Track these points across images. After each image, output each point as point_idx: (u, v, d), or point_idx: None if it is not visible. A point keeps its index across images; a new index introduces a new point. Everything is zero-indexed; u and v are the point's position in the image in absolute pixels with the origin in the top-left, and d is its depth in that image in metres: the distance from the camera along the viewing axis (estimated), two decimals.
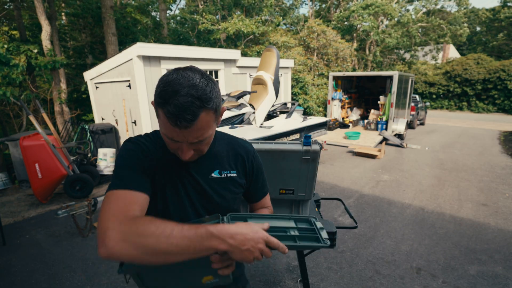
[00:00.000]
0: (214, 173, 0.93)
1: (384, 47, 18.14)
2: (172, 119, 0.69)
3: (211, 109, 0.73)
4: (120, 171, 0.78)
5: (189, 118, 0.69)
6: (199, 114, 0.70)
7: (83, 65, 10.18)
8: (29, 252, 3.01)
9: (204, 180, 0.91)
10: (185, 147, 0.77)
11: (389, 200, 4.29)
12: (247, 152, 1.02)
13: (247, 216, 0.82)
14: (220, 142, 0.98)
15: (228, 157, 0.97)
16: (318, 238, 0.77)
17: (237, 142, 1.03)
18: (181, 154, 0.79)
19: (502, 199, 4.25)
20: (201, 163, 0.91)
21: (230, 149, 0.99)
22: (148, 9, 12.36)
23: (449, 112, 17.88)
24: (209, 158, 0.93)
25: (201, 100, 0.70)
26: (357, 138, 8.30)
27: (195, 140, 0.75)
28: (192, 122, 0.70)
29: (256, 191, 1.06)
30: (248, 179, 1.02)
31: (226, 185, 0.95)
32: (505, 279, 2.51)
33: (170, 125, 0.71)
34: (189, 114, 0.68)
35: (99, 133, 5.82)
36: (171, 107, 0.68)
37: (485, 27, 25.45)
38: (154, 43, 5.51)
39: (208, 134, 0.77)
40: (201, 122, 0.71)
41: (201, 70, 0.76)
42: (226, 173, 0.95)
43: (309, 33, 13.47)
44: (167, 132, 0.74)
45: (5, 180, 5.03)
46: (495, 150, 7.46)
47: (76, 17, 9.48)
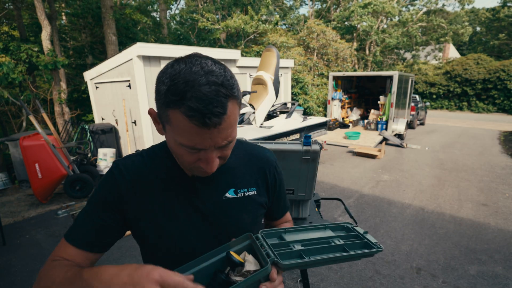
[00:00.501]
0: (228, 193, 0.75)
1: (384, 47, 18.15)
2: (198, 117, 0.53)
3: (237, 99, 0.59)
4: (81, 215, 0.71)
5: (219, 112, 0.53)
6: (228, 105, 0.55)
7: (83, 65, 10.19)
8: (29, 252, 3.01)
9: (215, 203, 0.73)
10: (211, 154, 0.60)
11: (389, 200, 4.29)
12: (269, 164, 0.83)
13: (282, 231, 0.72)
14: (235, 152, 0.79)
15: (245, 170, 0.79)
16: (367, 243, 0.70)
17: (256, 151, 0.84)
18: (206, 167, 0.61)
19: (502, 199, 4.25)
20: (211, 180, 0.73)
21: (248, 160, 0.81)
22: (148, 9, 12.38)
23: (449, 112, 17.89)
24: (221, 174, 0.74)
25: (225, 87, 0.55)
26: (357, 138, 8.30)
27: (225, 142, 0.59)
28: (223, 116, 0.54)
29: (278, 208, 0.90)
30: (271, 197, 0.84)
31: (245, 207, 0.76)
32: (505, 279, 2.51)
33: (192, 127, 0.54)
34: (218, 106, 0.53)
35: (99, 133, 5.82)
36: (192, 102, 0.52)
37: (485, 27, 25.46)
38: (154, 43, 5.51)
39: (236, 132, 0.62)
40: (229, 117, 0.56)
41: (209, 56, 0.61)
42: (244, 191, 0.77)
43: (309, 33, 13.48)
44: (185, 140, 0.57)
45: (5, 180, 5.03)
46: (495, 150, 7.46)
47: (76, 17, 9.49)
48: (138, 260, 2.80)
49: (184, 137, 0.57)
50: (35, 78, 9.06)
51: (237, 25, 11.23)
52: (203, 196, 0.72)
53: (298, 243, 0.69)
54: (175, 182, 0.72)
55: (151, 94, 5.37)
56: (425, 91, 18.81)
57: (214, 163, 0.61)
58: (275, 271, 0.61)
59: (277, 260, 0.60)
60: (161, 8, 13.91)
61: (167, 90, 0.55)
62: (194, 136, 0.56)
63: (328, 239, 0.71)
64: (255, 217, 0.79)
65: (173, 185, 0.72)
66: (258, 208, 0.79)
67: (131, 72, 5.25)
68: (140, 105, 5.28)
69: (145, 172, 0.72)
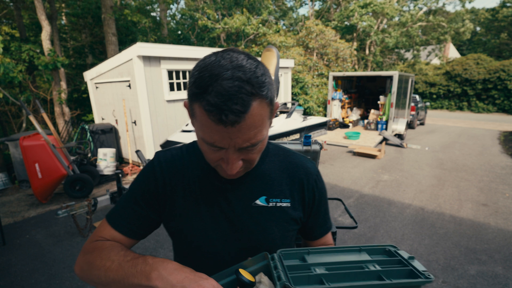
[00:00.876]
0: (259, 200, 0.70)
1: (384, 47, 18.15)
2: (215, 112, 0.50)
3: (265, 99, 0.53)
4: (123, 199, 0.73)
5: (237, 109, 0.50)
6: (251, 104, 0.51)
7: (83, 65, 10.19)
8: (29, 252, 3.01)
9: (243, 208, 0.70)
10: (231, 154, 0.56)
11: (389, 200, 4.29)
12: (308, 175, 0.76)
13: (304, 251, 0.63)
14: (272, 158, 0.75)
15: (281, 179, 0.73)
16: (412, 271, 0.58)
17: (296, 159, 0.77)
18: (226, 167, 0.58)
19: (502, 199, 4.25)
20: (242, 184, 0.70)
21: (285, 168, 0.75)
22: (148, 9, 12.37)
23: (449, 112, 17.89)
24: (254, 179, 0.71)
25: (251, 84, 0.51)
26: (357, 138, 8.30)
27: (246, 144, 0.55)
28: (242, 115, 0.50)
29: (315, 226, 0.81)
30: (307, 212, 0.77)
31: (275, 218, 0.71)
32: (505, 279, 2.51)
33: (211, 123, 0.52)
34: (238, 103, 0.49)
35: (99, 133, 5.82)
36: (211, 96, 0.50)
37: (485, 27, 25.47)
38: (154, 43, 5.51)
39: (262, 135, 0.56)
40: (253, 116, 0.52)
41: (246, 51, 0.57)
42: (276, 201, 0.71)
43: (308, 34, 13.48)
44: (206, 135, 0.55)
45: (5, 180, 5.03)
46: (495, 150, 7.46)
47: (76, 17, 9.49)
48: None
49: (205, 133, 0.55)
50: (35, 78, 9.05)
51: (237, 25, 11.23)
52: (232, 199, 0.70)
53: (322, 266, 0.60)
54: (207, 180, 0.71)
55: (151, 94, 5.37)
56: (425, 91, 18.81)
57: (234, 165, 0.58)
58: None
59: (287, 284, 0.53)
60: (161, 8, 13.91)
61: (193, 83, 0.53)
62: (214, 133, 0.53)
63: (361, 263, 0.61)
64: (285, 231, 0.73)
65: (205, 184, 0.71)
66: (290, 222, 0.73)
67: (131, 72, 5.25)
68: (140, 105, 5.28)
69: (181, 167, 0.72)
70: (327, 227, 0.83)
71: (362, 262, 0.61)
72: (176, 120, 5.86)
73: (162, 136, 5.58)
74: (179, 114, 5.92)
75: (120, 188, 3.34)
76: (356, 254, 0.64)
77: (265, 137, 0.59)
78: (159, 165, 0.72)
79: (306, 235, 0.83)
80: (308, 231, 0.81)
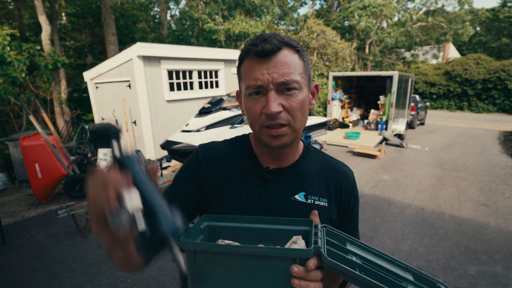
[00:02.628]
0: (298, 196, 0.72)
1: (383, 47, 18.15)
2: (254, 49, 0.62)
3: (298, 52, 0.65)
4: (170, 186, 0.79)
5: (270, 45, 0.61)
6: (283, 47, 0.63)
7: (83, 65, 10.20)
8: (29, 252, 3.01)
9: (282, 201, 0.72)
10: (270, 93, 0.62)
11: (389, 200, 4.29)
12: (347, 180, 0.78)
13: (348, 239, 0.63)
14: (312, 158, 0.79)
15: (320, 179, 0.76)
16: None
17: (336, 163, 0.80)
18: (267, 108, 0.62)
19: (502, 199, 4.25)
20: (283, 178, 0.74)
21: (324, 169, 0.78)
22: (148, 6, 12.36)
23: (449, 112, 17.89)
24: (294, 174, 0.74)
25: (284, 38, 0.64)
26: (357, 138, 8.30)
27: (282, 79, 0.61)
28: (276, 48, 0.61)
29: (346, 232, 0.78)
30: (341, 215, 0.77)
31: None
32: (505, 279, 2.51)
33: (252, 62, 0.63)
34: (272, 43, 0.61)
35: None
36: (252, 43, 0.63)
37: (485, 27, 25.47)
38: (154, 43, 5.51)
39: (297, 78, 0.63)
40: (286, 56, 0.62)
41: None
42: (314, 199, 0.73)
43: (309, 33, 13.48)
44: (249, 79, 0.63)
45: (5, 180, 5.03)
46: (495, 150, 7.46)
47: (76, 17, 9.50)
48: None
49: (248, 78, 0.64)
50: (35, 78, 9.05)
51: (241, 28, 11.23)
52: (272, 191, 0.72)
53: (360, 258, 0.58)
54: (250, 169, 0.74)
55: (151, 94, 5.37)
56: (425, 91, 18.81)
57: (274, 104, 0.62)
58: (315, 262, 0.52)
59: (321, 251, 0.52)
60: (161, 8, 13.91)
61: (242, 51, 0.66)
62: (254, 70, 0.63)
63: (401, 278, 0.56)
64: None
65: (247, 173, 0.74)
66: (326, 222, 0.72)
67: (131, 72, 5.25)
68: (140, 105, 5.28)
69: (223, 156, 0.77)
70: (356, 236, 0.82)
71: (403, 278, 0.56)
72: (176, 120, 5.86)
73: (162, 136, 5.58)
74: (179, 114, 5.92)
75: None
76: (401, 270, 0.59)
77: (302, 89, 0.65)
78: (202, 151, 0.78)
79: None
80: None
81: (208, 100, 5.06)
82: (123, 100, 5.61)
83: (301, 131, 0.69)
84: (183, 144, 3.95)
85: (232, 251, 0.54)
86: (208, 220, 0.65)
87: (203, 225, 0.64)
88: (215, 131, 4.18)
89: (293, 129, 0.66)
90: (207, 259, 0.54)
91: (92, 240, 3.20)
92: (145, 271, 2.64)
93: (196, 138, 4.00)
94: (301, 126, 0.68)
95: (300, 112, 0.65)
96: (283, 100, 0.63)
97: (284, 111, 0.63)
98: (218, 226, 0.65)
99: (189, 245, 0.54)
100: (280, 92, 0.63)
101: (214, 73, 6.55)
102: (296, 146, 0.76)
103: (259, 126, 0.66)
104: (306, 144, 0.82)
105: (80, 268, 2.71)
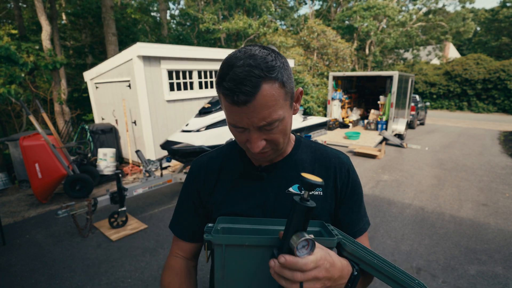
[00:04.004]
0: (292, 188, 0.73)
1: (383, 47, 18.15)
2: (229, 95, 0.57)
3: (276, 80, 0.58)
4: (176, 206, 0.86)
5: (247, 90, 0.55)
6: (260, 85, 0.56)
7: (83, 65, 10.20)
8: (29, 252, 3.01)
9: (277, 195, 0.73)
10: (252, 134, 0.62)
11: (389, 200, 4.29)
12: (341, 164, 0.77)
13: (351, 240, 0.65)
14: (304, 149, 0.79)
15: (313, 168, 0.76)
16: None
17: (328, 150, 0.80)
18: (250, 147, 0.63)
19: (502, 199, 4.25)
20: (276, 173, 0.74)
21: (317, 158, 0.77)
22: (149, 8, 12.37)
23: (449, 112, 17.88)
24: (287, 168, 0.75)
25: (260, 68, 0.56)
26: (357, 138, 8.30)
27: (262, 123, 0.59)
28: (252, 95, 0.56)
29: (348, 222, 0.77)
30: (338, 204, 0.76)
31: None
32: (505, 279, 2.51)
33: (229, 106, 0.59)
34: (247, 85, 0.55)
35: (99, 133, 5.82)
36: (226, 82, 0.57)
37: (484, 27, 25.47)
38: (154, 43, 5.51)
39: (278, 114, 0.60)
40: (264, 97, 0.57)
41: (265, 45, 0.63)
42: None
43: (309, 33, 13.48)
44: (229, 118, 0.62)
45: (5, 180, 5.03)
46: (495, 150, 7.46)
47: (76, 17, 9.50)
48: (138, 260, 2.80)
49: (228, 116, 0.62)
50: (35, 78, 9.05)
51: (238, 26, 11.23)
52: (267, 188, 0.74)
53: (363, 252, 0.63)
54: (242, 172, 0.76)
55: (151, 94, 5.37)
56: (425, 91, 18.81)
57: (257, 144, 0.62)
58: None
59: (343, 241, 0.57)
60: (161, 8, 13.91)
61: (217, 75, 0.61)
62: (233, 115, 0.60)
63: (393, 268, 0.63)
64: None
65: (241, 175, 0.76)
66: (323, 211, 0.72)
67: (131, 72, 5.25)
68: (140, 105, 5.28)
69: (216, 166, 0.79)
70: (361, 227, 0.78)
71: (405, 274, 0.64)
72: (176, 120, 5.86)
73: (162, 136, 5.58)
74: (179, 114, 5.92)
75: (120, 188, 3.34)
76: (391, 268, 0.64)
77: (284, 118, 0.63)
78: (197, 171, 0.81)
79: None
80: (342, 228, 0.77)
81: (208, 100, 5.06)
82: (123, 100, 5.61)
83: (286, 144, 0.70)
84: (183, 144, 3.95)
85: (261, 243, 0.57)
86: (223, 222, 0.69)
87: (220, 226, 0.68)
88: (215, 131, 4.18)
89: (278, 149, 0.68)
90: (236, 252, 0.59)
91: (92, 240, 3.21)
92: (145, 271, 2.65)
93: (196, 138, 4.00)
94: (285, 143, 0.69)
95: (283, 135, 0.66)
96: (266, 135, 0.63)
97: (267, 143, 0.64)
98: (233, 228, 0.69)
99: (221, 239, 0.58)
100: (261, 129, 0.62)
101: (214, 73, 6.55)
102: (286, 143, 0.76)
103: (245, 148, 0.69)
104: (298, 137, 0.83)
105: (80, 268, 2.71)
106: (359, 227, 0.78)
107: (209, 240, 0.57)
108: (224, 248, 0.58)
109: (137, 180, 5.23)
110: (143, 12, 10.41)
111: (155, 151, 5.56)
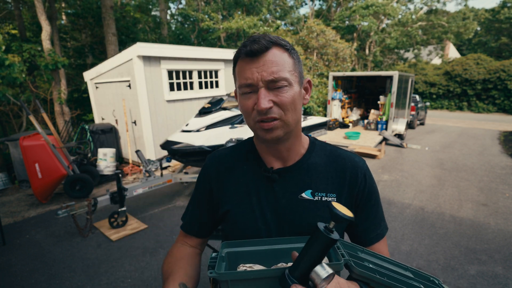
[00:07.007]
0: (305, 193, 0.71)
1: (384, 47, 18.14)
2: (243, 50, 0.64)
3: (287, 50, 0.66)
4: (189, 202, 0.88)
5: (261, 43, 0.63)
6: (272, 46, 0.64)
7: (83, 65, 10.20)
8: (29, 252, 3.01)
9: (289, 200, 0.71)
10: (261, 91, 0.64)
11: (389, 200, 4.29)
12: (356, 169, 0.74)
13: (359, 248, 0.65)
14: (318, 152, 0.76)
15: (327, 173, 0.73)
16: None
17: (343, 153, 0.77)
18: (259, 104, 0.63)
19: (502, 199, 4.25)
20: (289, 177, 0.73)
21: (331, 162, 0.75)
22: (149, 7, 12.36)
23: (449, 112, 17.88)
24: (300, 172, 0.73)
25: (273, 37, 0.65)
26: (357, 138, 8.29)
27: (271, 77, 0.63)
28: (265, 48, 0.63)
29: (365, 228, 0.75)
30: (355, 208, 0.74)
31: (320, 212, 0.70)
32: (505, 279, 2.51)
33: (242, 62, 0.66)
34: (260, 43, 0.63)
35: (99, 133, 5.82)
36: (243, 46, 0.65)
37: (484, 27, 25.46)
38: (154, 43, 5.51)
39: (286, 75, 0.64)
40: (274, 55, 0.64)
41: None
42: (321, 195, 0.71)
43: (309, 33, 13.47)
44: (241, 78, 0.66)
45: (5, 180, 5.03)
46: (495, 150, 7.46)
47: (76, 17, 9.50)
48: (138, 260, 2.80)
49: (240, 77, 0.66)
50: (35, 78, 9.05)
51: (238, 25, 11.23)
52: (278, 191, 0.72)
53: (372, 264, 0.63)
54: (255, 173, 0.75)
55: (151, 94, 5.37)
56: (425, 91, 18.80)
57: (264, 100, 0.63)
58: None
59: (351, 263, 0.56)
60: (161, 8, 13.91)
61: (235, 53, 0.68)
62: (245, 71, 0.65)
63: (407, 278, 0.62)
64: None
65: (254, 175, 0.75)
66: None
67: (131, 72, 5.25)
68: (140, 105, 5.28)
69: (230, 163, 0.79)
70: (379, 232, 0.76)
71: (408, 278, 0.62)
72: (176, 120, 5.86)
73: (162, 136, 5.58)
74: (179, 114, 5.92)
75: (120, 188, 3.34)
76: (403, 269, 0.65)
77: (292, 85, 0.66)
78: (211, 167, 0.82)
79: (356, 238, 0.78)
80: (358, 234, 0.76)
81: (208, 100, 5.06)
82: (123, 100, 5.61)
83: (294, 125, 0.69)
84: (183, 144, 3.95)
85: (268, 275, 0.56)
86: (227, 246, 0.68)
87: (224, 253, 0.66)
88: (215, 131, 4.17)
89: (285, 122, 0.66)
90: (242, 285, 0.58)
91: (92, 240, 3.21)
92: (145, 271, 2.65)
93: (196, 138, 4.00)
94: (293, 120, 0.68)
95: (291, 106, 0.66)
96: (273, 96, 0.64)
97: (275, 106, 0.65)
98: (239, 252, 0.67)
99: (226, 276, 0.57)
100: (270, 89, 0.64)
101: (214, 73, 6.55)
102: (296, 143, 0.74)
103: (253, 121, 0.68)
104: (312, 139, 0.80)
105: (80, 268, 2.71)
106: (376, 233, 0.76)
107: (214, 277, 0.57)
108: (230, 283, 0.57)
109: (137, 180, 5.23)
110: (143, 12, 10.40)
111: (155, 151, 5.56)
